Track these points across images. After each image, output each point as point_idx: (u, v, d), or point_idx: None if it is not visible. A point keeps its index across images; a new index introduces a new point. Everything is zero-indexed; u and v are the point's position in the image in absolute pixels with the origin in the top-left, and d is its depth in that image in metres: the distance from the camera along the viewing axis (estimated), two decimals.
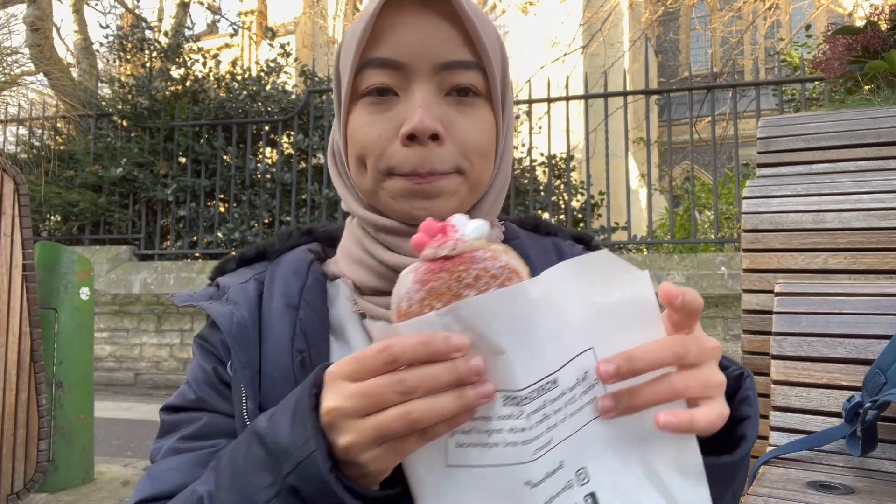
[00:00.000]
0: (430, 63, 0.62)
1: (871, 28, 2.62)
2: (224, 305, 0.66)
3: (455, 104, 0.64)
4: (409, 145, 0.62)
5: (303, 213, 6.89)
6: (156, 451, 0.65)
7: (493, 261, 0.45)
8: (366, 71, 0.63)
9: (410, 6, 0.62)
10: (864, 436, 1.13)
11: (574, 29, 12.44)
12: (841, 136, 1.94)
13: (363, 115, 0.65)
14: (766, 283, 1.65)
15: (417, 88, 0.63)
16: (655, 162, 12.31)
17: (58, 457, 3.20)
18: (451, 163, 0.63)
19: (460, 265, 0.45)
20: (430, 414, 0.41)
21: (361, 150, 0.65)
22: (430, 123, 0.61)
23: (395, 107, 0.64)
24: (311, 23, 20.33)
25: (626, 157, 5.97)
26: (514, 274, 0.45)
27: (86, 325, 3.39)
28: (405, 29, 0.62)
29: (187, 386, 0.68)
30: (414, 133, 0.61)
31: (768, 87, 6.72)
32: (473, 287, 0.44)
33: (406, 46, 0.62)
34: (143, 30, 9.28)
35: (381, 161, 0.63)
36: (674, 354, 0.45)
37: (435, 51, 0.62)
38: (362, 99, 0.65)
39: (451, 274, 0.44)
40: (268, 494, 0.46)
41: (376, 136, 0.63)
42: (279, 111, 7.33)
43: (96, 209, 7.01)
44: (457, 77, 0.63)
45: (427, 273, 0.45)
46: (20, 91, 5.29)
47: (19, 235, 2.68)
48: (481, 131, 0.65)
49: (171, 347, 6.40)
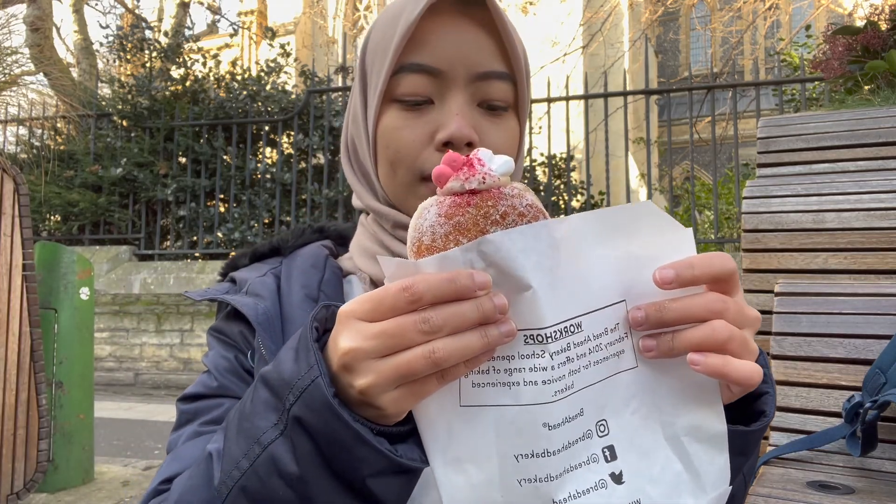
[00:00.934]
0: (466, 72, 0.63)
1: (871, 28, 2.62)
2: (246, 297, 0.67)
3: (486, 115, 0.66)
4: (443, 151, 0.63)
5: (303, 213, 6.90)
6: (175, 439, 0.63)
7: (520, 198, 0.44)
8: (403, 75, 0.64)
9: (449, 13, 0.63)
10: (864, 436, 1.13)
11: (574, 29, 12.43)
12: (841, 136, 1.94)
13: (397, 118, 0.65)
14: (766, 283, 1.65)
15: (453, 97, 0.64)
16: (655, 162, 12.31)
17: (58, 457, 3.19)
18: None
19: (488, 200, 0.43)
20: (455, 353, 0.40)
21: (395, 154, 0.65)
22: (468, 131, 0.62)
23: (429, 113, 0.65)
24: (311, 23, 20.33)
25: (626, 157, 5.97)
26: (539, 213, 0.44)
27: (86, 325, 3.39)
28: (444, 36, 0.63)
29: (207, 375, 0.67)
30: (451, 140, 0.62)
31: (768, 87, 6.72)
32: (500, 224, 0.43)
33: (444, 54, 0.63)
34: (143, 30, 9.28)
35: (416, 166, 0.64)
36: (708, 311, 0.44)
37: (472, 60, 0.63)
38: (396, 103, 0.65)
39: (479, 209, 0.43)
40: (274, 433, 0.45)
41: (411, 140, 0.64)
42: (279, 111, 7.34)
43: (96, 209, 7.01)
44: (491, 88, 0.65)
45: (453, 207, 0.44)
46: (20, 91, 5.29)
47: (19, 235, 2.68)
48: (509, 142, 0.67)
49: (171, 347, 6.40)
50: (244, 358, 0.66)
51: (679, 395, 0.46)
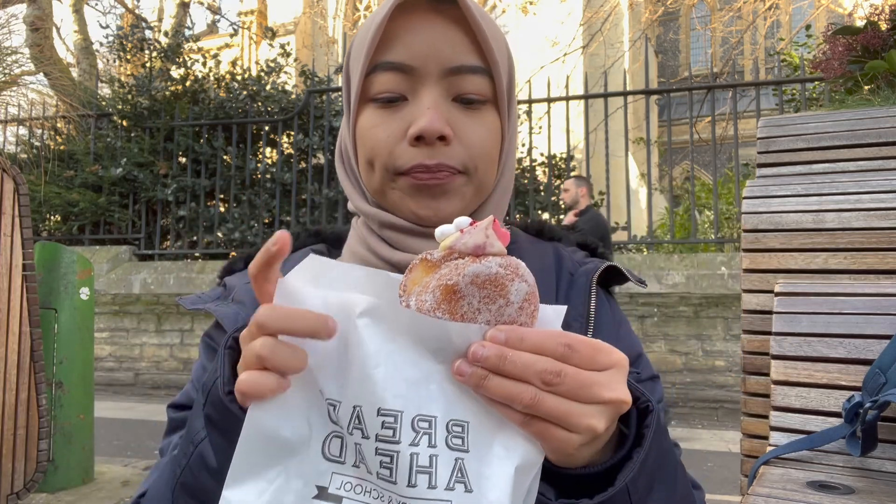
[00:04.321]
0: (438, 67, 0.63)
1: (871, 28, 2.62)
2: (229, 306, 0.68)
3: (462, 109, 0.65)
4: (416, 146, 0.63)
5: (303, 212, 6.90)
6: (165, 446, 0.68)
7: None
8: (376, 74, 0.64)
9: (420, 11, 0.63)
10: (864, 436, 1.13)
11: (574, 29, 12.44)
12: (841, 136, 1.94)
13: (372, 117, 0.66)
14: (766, 283, 1.65)
15: (426, 91, 0.64)
16: (655, 162, 12.31)
17: (58, 457, 3.20)
18: (458, 160, 0.65)
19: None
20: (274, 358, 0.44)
21: (370, 152, 0.66)
22: (439, 125, 0.62)
23: (403, 109, 0.65)
24: (311, 23, 20.33)
25: (626, 157, 5.97)
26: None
27: (86, 325, 3.39)
28: (415, 33, 0.63)
29: (191, 385, 0.71)
30: (422, 134, 0.62)
31: (768, 87, 6.72)
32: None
33: (416, 50, 0.63)
34: (143, 30, 9.29)
35: (389, 161, 0.65)
36: (557, 343, 0.43)
37: (444, 55, 0.63)
38: (371, 102, 0.66)
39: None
40: (203, 433, 0.51)
41: (385, 137, 0.64)
42: (279, 111, 7.34)
43: (96, 209, 7.01)
44: (464, 82, 0.64)
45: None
46: (20, 91, 5.28)
47: (19, 235, 2.68)
48: (487, 136, 0.66)
49: (171, 347, 6.40)
50: None
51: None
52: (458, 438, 0.43)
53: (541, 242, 0.79)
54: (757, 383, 1.60)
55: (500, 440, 0.43)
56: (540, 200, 6.83)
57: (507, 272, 0.43)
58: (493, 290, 0.42)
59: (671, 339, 5.43)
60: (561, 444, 0.43)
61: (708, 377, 5.28)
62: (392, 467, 0.41)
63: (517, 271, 0.43)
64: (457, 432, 0.43)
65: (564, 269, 0.73)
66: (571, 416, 0.43)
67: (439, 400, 0.43)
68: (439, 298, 0.42)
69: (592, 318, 0.68)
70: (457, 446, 0.42)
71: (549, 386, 0.42)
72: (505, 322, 0.43)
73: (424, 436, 0.42)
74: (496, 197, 0.72)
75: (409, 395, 0.42)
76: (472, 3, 0.64)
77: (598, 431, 0.44)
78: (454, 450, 0.42)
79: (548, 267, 0.73)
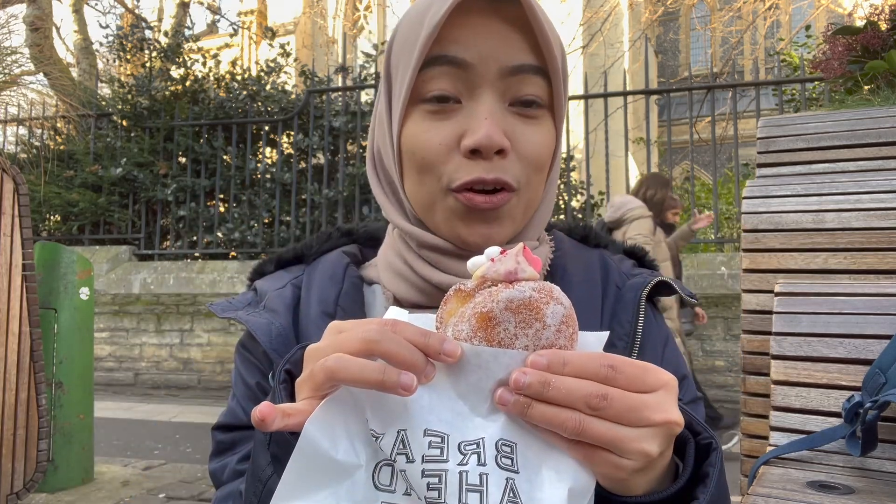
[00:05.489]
0: (497, 66, 0.59)
1: (871, 28, 2.62)
2: (262, 315, 0.65)
3: (519, 115, 0.61)
4: (472, 158, 0.59)
5: (303, 212, 6.89)
6: (219, 470, 0.65)
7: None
8: (430, 69, 0.60)
9: (478, 9, 0.59)
10: (864, 436, 1.13)
11: (574, 29, 12.43)
12: (841, 136, 1.94)
13: (422, 121, 0.61)
14: (766, 283, 1.65)
15: (482, 95, 0.59)
16: (655, 162, 12.29)
17: (58, 457, 3.20)
18: (514, 175, 0.61)
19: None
20: (347, 373, 0.42)
21: (421, 161, 0.61)
22: (498, 138, 0.58)
23: (456, 114, 0.60)
24: (311, 23, 20.32)
25: (626, 157, 5.97)
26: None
27: (86, 325, 3.39)
28: (474, 30, 0.59)
29: (235, 403, 0.68)
30: (479, 147, 0.58)
31: (768, 87, 6.72)
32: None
33: (474, 48, 0.59)
34: (143, 30, 9.28)
35: (444, 175, 0.60)
36: (600, 366, 0.41)
37: (503, 54, 0.59)
38: (421, 104, 0.61)
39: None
40: (269, 470, 0.49)
41: (437, 144, 0.60)
42: (279, 111, 7.33)
43: (96, 209, 7.01)
44: (523, 84, 0.60)
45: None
46: (20, 91, 5.28)
47: (19, 235, 2.68)
48: (542, 147, 0.63)
49: (171, 347, 6.40)
50: (265, 382, 0.66)
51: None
52: (507, 458, 0.41)
53: (586, 249, 0.74)
54: (757, 383, 1.60)
55: (550, 463, 0.42)
56: None
57: (542, 295, 0.42)
58: (529, 315, 0.42)
59: None
60: (612, 469, 0.42)
61: (708, 377, 5.28)
62: (440, 487, 0.39)
63: (551, 294, 0.43)
64: (506, 452, 0.41)
65: (611, 282, 0.69)
66: (621, 440, 0.41)
67: (485, 427, 0.42)
68: (475, 326, 0.42)
69: (639, 337, 0.64)
70: (507, 466, 0.41)
71: (595, 410, 0.41)
72: (543, 346, 0.42)
73: (473, 455, 0.41)
74: (542, 213, 0.68)
75: (455, 423, 0.42)
76: (535, 2, 0.60)
77: (652, 455, 0.42)
78: (504, 469, 0.41)
79: (593, 279, 0.69)
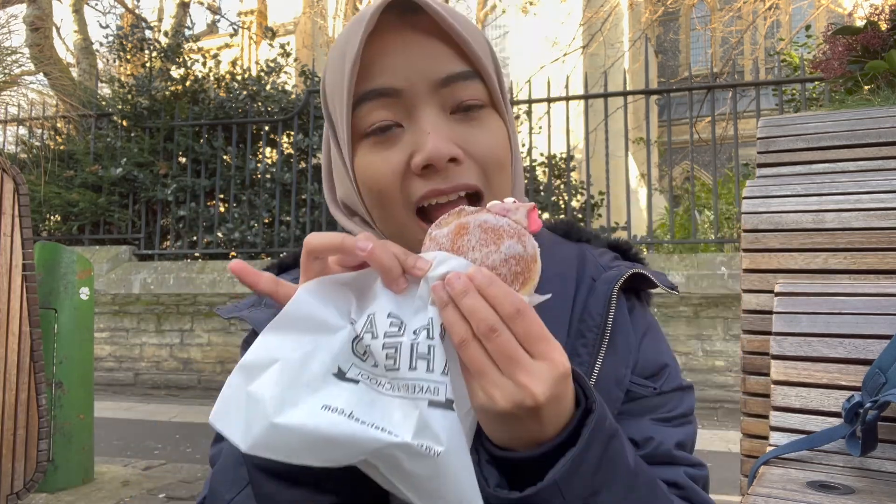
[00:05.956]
0: (427, 82, 0.60)
1: (871, 28, 2.62)
2: (263, 311, 0.66)
3: (464, 120, 0.61)
4: (425, 175, 0.59)
5: (303, 212, 6.89)
6: (217, 453, 0.66)
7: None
8: (363, 105, 0.60)
9: (391, 29, 0.59)
10: (864, 436, 1.13)
11: (574, 29, 12.43)
12: (841, 136, 1.94)
13: (370, 154, 0.62)
14: (766, 283, 1.65)
15: (421, 113, 0.60)
16: (655, 162, 12.31)
17: (58, 457, 3.19)
18: (475, 177, 0.61)
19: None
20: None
21: (378, 193, 0.62)
22: (446, 148, 0.58)
23: (401, 138, 0.60)
24: (311, 23, 20.32)
25: (626, 157, 5.96)
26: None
27: (86, 325, 3.39)
28: (392, 54, 0.59)
29: None
30: (430, 161, 0.58)
31: (768, 87, 6.72)
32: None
33: (399, 71, 0.59)
34: (143, 30, 9.28)
35: (403, 198, 0.61)
36: (511, 304, 0.46)
37: (428, 69, 0.60)
38: (365, 138, 0.62)
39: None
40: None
41: (390, 173, 0.60)
42: (279, 111, 7.33)
43: (96, 209, 7.01)
44: (458, 91, 0.61)
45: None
46: (20, 91, 5.29)
47: (19, 235, 2.68)
48: (495, 142, 0.63)
49: (171, 347, 6.40)
50: None
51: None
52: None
53: (566, 243, 0.75)
54: (757, 383, 1.60)
55: None
56: (540, 200, 6.82)
57: (511, 230, 0.50)
58: (491, 237, 0.50)
59: (671, 339, 5.43)
60: (473, 394, 0.47)
61: (708, 377, 5.28)
62: (396, 357, 0.47)
63: (520, 235, 0.50)
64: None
65: (586, 275, 0.70)
66: (484, 375, 0.46)
67: (435, 312, 0.49)
68: (452, 231, 0.51)
69: (609, 328, 0.65)
70: (450, 345, 0.48)
71: (482, 336, 0.45)
72: (488, 266, 0.49)
73: (424, 331, 0.48)
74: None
75: (412, 312, 0.49)
76: (441, 6, 0.60)
77: (495, 406, 0.45)
78: (449, 345, 0.48)
79: (566, 272, 0.69)
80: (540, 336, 0.47)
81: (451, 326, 0.46)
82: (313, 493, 0.53)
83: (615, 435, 0.51)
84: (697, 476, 0.64)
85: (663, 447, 0.63)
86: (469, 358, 0.46)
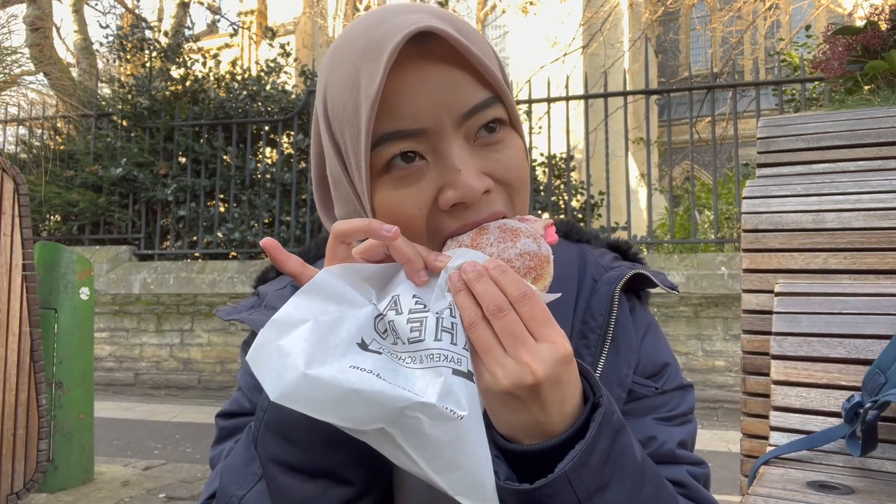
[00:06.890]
0: (451, 118, 0.58)
1: (871, 28, 2.62)
2: (263, 313, 0.66)
3: (487, 144, 0.60)
4: (454, 212, 0.58)
5: (303, 213, 6.89)
6: (217, 454, 0.67)
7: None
8: (384, 146, 0.58)
9: (409, 63, 0.57)
10: (864, 436, 1.13)
11: (574, 29, 12.43)
12: (841, 136, 1.94)
13: (392, 190, 0.59)
14: (766, 283, 1.65)
15: (448, 149, 0.58)
16: (655, 162, 12.31)
17: (58, 457, 3.19)
18: (503, 203, 0.61)
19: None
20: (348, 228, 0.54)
21: (402, 229, 0.58)
22: (480, 185, 0.57)
23: (426, 173, 0.59)
24: (311, 23, 20.32)
25: (626, 157, 5.97)
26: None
27: (86, 325, 3.39)
28: (415, 91, 0.57)
29: (240, 393, 0.70)
30: (464, 201, 0.57)
31: (768, 87, 6.72)
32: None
33: (422, 110, 0.57)
34: (143, 30, 9.28)
35: (430, 233, 0.60)
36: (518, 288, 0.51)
37: (453, 104, 0.57)
38: (387, 173, 0.59)
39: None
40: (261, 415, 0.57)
41: (416, 210, 0.59)
42: (279, 111, 7.33)
43: (96, 209, 7.01)
44: (481, 119, 0.59)
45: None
46: (20, 91, 5.29)
47: (19, 235, 2.68)
48: (518, 161, 0.62)
49: (171, 347, 6.40)
50: None
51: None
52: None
53: (566, 244, 0.75)
54: (757, 383, 1.60)
55: None
56: (540, 201, 6.82)
57: (528, 232, 0.56)
58: (508, 235, 0.56)
59: (671, 339, 5.43)
60: (480, 376, 0.49)
61: (708, 377, 5.28)
62: (421, 329, 0.50)
63: (535, 236, 0.56)
64: None
65: (587, 276, 0.70)
66: (489, 353, 0.49)
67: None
68: (474, 233, 0.57)
69: (612, 329, 0.65)
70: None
71: (491, 316, 0.49)
72: (503, 259, 0.54)
73: (447, 310, 0.51)
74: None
75: (434, 298, 0.53)
76: (455, 29, 0.58)
77: (498, 384, 0.48)
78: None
79: (567, 274, 0.70)
80: (544, 319, 0.50)
81: (463, 309, 0.50)
82: (327, 486, 0.54)
83: (622, 429, 0.52)
84: (699, 474, 0.65)
85: (666, 446, 0.64)
86: (477, 338, 0.49)
